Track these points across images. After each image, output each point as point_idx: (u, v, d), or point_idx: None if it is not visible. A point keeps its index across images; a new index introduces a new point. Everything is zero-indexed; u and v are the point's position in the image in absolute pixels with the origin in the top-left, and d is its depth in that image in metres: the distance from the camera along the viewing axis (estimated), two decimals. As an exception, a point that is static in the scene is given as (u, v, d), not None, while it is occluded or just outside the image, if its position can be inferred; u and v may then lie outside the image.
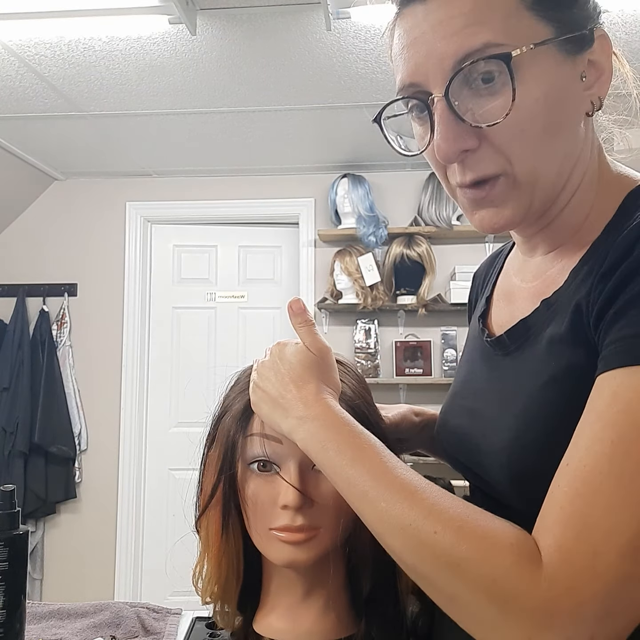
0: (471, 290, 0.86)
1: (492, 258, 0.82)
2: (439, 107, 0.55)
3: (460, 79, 0.54)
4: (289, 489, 0.64)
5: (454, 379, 0.77)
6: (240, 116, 2.55)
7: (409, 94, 0.58)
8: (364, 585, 0.70)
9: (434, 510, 0.50)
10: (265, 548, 0.67)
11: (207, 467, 0.72)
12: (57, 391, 3.11)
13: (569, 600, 0.43)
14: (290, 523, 0.64)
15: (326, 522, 0.66)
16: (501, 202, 0.58)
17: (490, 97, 0.54)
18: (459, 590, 0.48)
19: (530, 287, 0.65)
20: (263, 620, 0.72)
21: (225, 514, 0.68)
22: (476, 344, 0.71)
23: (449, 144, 0.55)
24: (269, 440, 0.65)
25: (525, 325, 0.61)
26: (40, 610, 1.18)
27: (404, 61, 0.58)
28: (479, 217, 0.60)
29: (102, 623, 1.14)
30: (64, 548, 3.19)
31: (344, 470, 0.55)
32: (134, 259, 3.30)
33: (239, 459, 0.67)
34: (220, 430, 0.71)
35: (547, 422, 0.54)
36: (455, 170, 0.58)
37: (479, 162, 0.56)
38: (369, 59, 2.06)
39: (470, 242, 3.14)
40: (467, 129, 0.55)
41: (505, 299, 0.71)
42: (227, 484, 0.68)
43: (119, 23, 1.84)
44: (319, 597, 0.70)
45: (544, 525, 0.47)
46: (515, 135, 0.55)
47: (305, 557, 0.65)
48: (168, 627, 1.13)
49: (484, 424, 0.62)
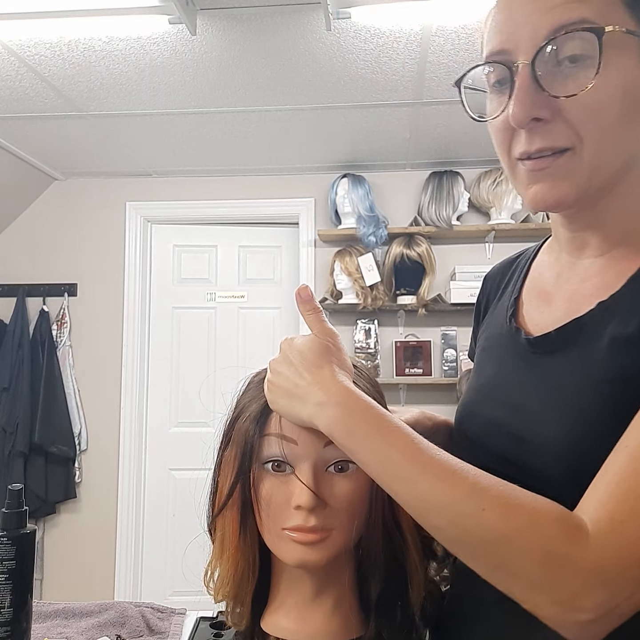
0: (481, 292, 0.87)
1: (508, 262, 0.84)
2: (522, 73, 0.58)
3: (548, 51, 0.57)
4: (303, 489, 0.64)
5: (476, 374, 0.78)
6: (240, 116, 2.55)
7: (493, 60, 0.61)
8: (374, 587, 0.70)
9: (477, 488, 0.53)
10: (278, 548, 0.67)
11: (222, 467, 0.72)
12: (57, 391, 3.11)
13: (616, 562, 0.49)
14: (303, 523, 0.64)
15: (339, 523, 0.66)
16: (562, 176, 0.60)
17: (574, 75, 0.57)
18: (508, 560, 0.52)
19: (579, 288, 0.67)
20: (271, 619, 0.72)
21: (243, 513, 0.69)
22: (505, 342, 0.73)
23: (525, 109, 0.57)
24: (285, 440, 0.65)
25: (579, 324, 0.63)
26: (46, 610, 1.18)
27: (498, 30, 0.61)
28: (534, 191, 0.62)
29: (107, 622, 1.14)
30: (64, 548, 3.19)
31: (377, 454, 0.57)
32: (134, 259, 3.30)
33: (255, 459, 0.67)
34: (236, 430, 0.70)
35: (607, 417, 0.56)
36: (523, 138, 0.60)
37: (550, 134, 0.59)
38: (369, 59, 2.06)
39: (470, 242, 3.14)
40: (544, 99, 0.57)
41: (540, 300, 0.72)
42: (244, 484, 0.68)
43: (119, 23, 1.84)
44: (328, 598, 0.71)
45: (595, 500, 0.52)
46: (590, 114, 0.57)
47: (317, 557, 0.66)
48: (173, 626, 1.14)
49: (530, 418, 0.63)
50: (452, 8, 1.79)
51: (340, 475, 0.66)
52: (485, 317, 0.84)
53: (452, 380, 2.94)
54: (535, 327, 0.70)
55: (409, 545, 0.69)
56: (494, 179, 2.97)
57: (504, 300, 0.79)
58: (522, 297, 0.76)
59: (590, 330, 0.62)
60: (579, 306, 0.65)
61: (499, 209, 3.00)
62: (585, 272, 0.67)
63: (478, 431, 0.71)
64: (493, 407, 0.70)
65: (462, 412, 0.76)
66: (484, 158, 2.99)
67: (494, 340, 0.77)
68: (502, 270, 0.84)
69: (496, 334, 0.77)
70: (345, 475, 0.66)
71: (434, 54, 2.05)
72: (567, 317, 0.65)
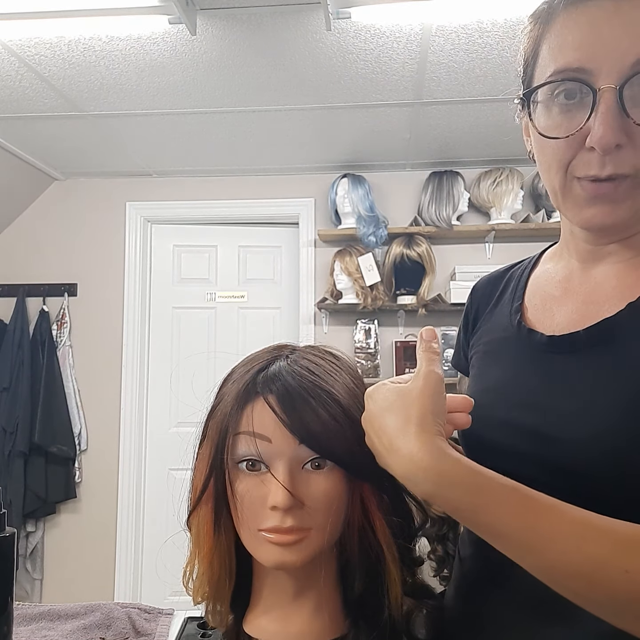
0: (469, 303, 0.88)
1: (500, 274, 0.85)
2: (608, 97, 0.58)
3: (635, 79, 0.57)
4: (279, 489, 0.62)
5: (479, 378, 0.78)
6: (240, 116, 2.55)
7: (572, 77, 0.61)
8: (356, 587, 0.68)
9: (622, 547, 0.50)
10: (255, 549, 0.66)
11: (197, 463, 0.71)
12: (57, 391, 3.11)
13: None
14: (279, 524, 0.62)
15: (316, 523, 0.64)
16: (622, 201, 0.62)
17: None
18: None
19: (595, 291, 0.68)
20: (254, 621, 0.71)
21: (217, 511, 0.67)
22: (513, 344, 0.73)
23: (613, 134, 0.58)
24: (258, 438, 0.64)
25: (610, 324, 0.64)
26: (31, 612, 1.17)
27: (576, 47, 0.60)
28: (593, 212, 0.63)
29: (92, 624, 1.12)
30: (64, 548, 3.19)
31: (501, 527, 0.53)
32: (134, 259, 3.30)
33: (228, 457, 0.66)
34: (210, 426, 0.69)
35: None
36: (594, 162, 0.61)
37: (621, 160, 0.60)
38: (369, 59, 2.06)
39: (470, 242, 3.14)
40: (625, 125, 0.59)
41: (547, 304, 0.73)
42: (217, 481, 0.67)
43: (119, 23, 1.84)
44: (310, 598, 0.69)
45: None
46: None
47: (295, 558, 0.64)
48: (159, 627, 1.12)
49: (562, 418, 0.63)
50: (452, 8, 1.79)
51: (316, 473, 0.64)
52: (476, 327, 0.84)
53: (452, 380, 2.92)
54: (547, 330, 0.70)
55: (383, 549, 0.67)
56: (494, 179, 2.97)
57: (502, 308, 0.79)
58: (525, 304, 0.76)
59: (625, 329, 0.63)
60: (600, 307, 0.66)
61: (499, 209, 3.00)
62: (601, 275, 0.68)
63: (492, 434, 0.70)
64: (508, 409, 0.69)
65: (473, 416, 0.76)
66: (484, 158, 2.99)
67: (498, 344, 0.77)
68: (493, 281, 0.85)
69: (499, 338, 0.77)
70: (322, 472, 0.64)
71: (434, 54, 2.05)
72: (588, 318, 0.66)
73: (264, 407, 0.64)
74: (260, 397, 0.65)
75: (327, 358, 0.71)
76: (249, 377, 0.67)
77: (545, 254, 0.81)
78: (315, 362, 0.69)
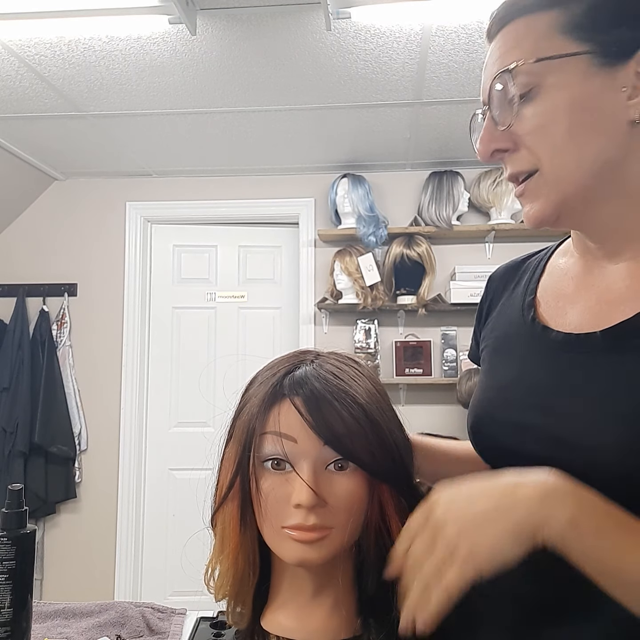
0: (485, 292, 0.87)
1: (516, 264, 0.85)
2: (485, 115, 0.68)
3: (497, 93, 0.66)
4: (303, 488, 0.64)
5: (490, 374, 0.78)
6: (240, 116, 2.55)
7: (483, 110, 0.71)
8: (371, 587, 0.70)
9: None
10: (277, 546, 0.67)
11: (224, 463, 0.72)
12: (57, 391, 3.11)
13: None
14: (302, 522, 0.64)
15: (338, 522, 0.66)
16: (534, 197, 0.67)
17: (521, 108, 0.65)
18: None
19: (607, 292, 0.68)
20: (272, 618, 0.72)
21: (243, 508, 0.69)
22: (526, 341, 0.73)
23: (483, 145, 0.68)
24: (284, 438, 0.66)
25: (628, 326, 0.63)
26: (46, 610, 1.18)
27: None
28: (524, 212, 0.69)
29: (107, 622, 1.14)
30: (64, 548, 3.19)
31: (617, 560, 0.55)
32: (134, 259, 3.30)
33: (254, 456, 0.68)
34: (237, 427, 0.71)
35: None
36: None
37: (515, 161, 0.67)
38: (369, 59, 2.06)
39: (470, 242, 3.14)
40: (503, 133, 0.66)
41: (559, 302, 0.73)
42: (243, 479, 0.69)
43: (119, 23, 1.84)
44: (328, 596, 0.71)
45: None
46: (539, 136, 0.64)
47: (316, 556, 0.66)
48: (173, 627, 1.14)
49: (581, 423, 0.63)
50: (452, 8, 1.79)
51: (339, 474, 0.66)
52: (488, 317, 0.83)
53: (452, 380, 2.94)
54: (558, 328, 0.70)
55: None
56: (494, 179, 2.97)
57: (514, 301, 0.78)
58: (537, 298, 0.76)
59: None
60: (615, 308, 0.65)
61: (499, 209, 3.00)
62: (614, 274, 0.68)
63: (504, 434, 0.70)
64: (522, 409, 0.69)
65: (480, 414, 0.75)
66: (484, 158, 2.99)
67: (510, 339, 0.76)
68: (509, 271, 0.84)
69: (511, 333, 0.76)
70: (345, 473, 0.66)
71: (434, 54, 2.05)
72: (602, 319, 0.65)
73: (290, 409, 0.66)
74: (287, 399, 0.67)
75: (349, 364, 0.73)
76: (275, 379, 0.69)
77: (560, 247, 0.80)
78: (339, 367, 0.71)
